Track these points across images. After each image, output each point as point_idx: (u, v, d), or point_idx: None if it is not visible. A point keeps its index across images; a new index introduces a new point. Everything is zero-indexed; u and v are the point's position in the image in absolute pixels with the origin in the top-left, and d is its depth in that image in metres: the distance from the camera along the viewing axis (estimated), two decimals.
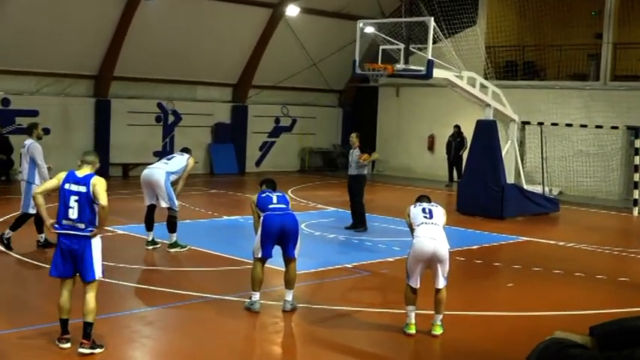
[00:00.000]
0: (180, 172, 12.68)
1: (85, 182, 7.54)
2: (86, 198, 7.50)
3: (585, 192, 22.67)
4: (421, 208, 8.68)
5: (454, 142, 24.58)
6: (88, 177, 7.59)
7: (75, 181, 7.57)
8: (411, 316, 8.42)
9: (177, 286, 10.28)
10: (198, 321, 8.78)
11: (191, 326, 8.63)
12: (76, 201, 7.49)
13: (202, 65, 24.86)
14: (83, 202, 7.49)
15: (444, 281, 8.38)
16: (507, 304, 10.27)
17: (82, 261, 7.45)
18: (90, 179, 7.56)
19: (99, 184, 7.56)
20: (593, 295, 10.87)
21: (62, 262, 7.51)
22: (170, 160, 12.92)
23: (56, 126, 22.25)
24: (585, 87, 23.28)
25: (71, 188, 7.54)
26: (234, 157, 26.43)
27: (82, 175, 7.62)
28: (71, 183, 7.56)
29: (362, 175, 15.16)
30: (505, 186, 17.89)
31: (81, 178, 7.58)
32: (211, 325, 8.63)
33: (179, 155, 13.10)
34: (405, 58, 16.63)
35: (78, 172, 7.67)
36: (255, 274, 9.05)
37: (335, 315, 9.31)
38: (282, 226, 8.98)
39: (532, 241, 15.19)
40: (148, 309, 9.30)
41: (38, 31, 20.86)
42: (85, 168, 7.72)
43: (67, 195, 7.53)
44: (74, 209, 7.48)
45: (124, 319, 8.69)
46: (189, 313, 9.09)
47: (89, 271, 7.46)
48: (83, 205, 7.48)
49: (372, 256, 12.89)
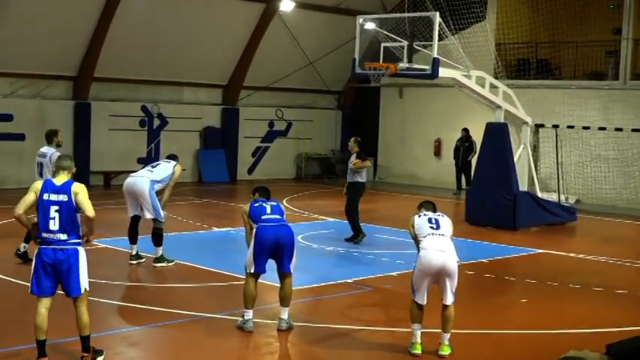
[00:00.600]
0: (166, 181, 12.70)
1: (66, 190, 7.55)
2: (68, 207, 7.51)
3: (604, 200, 22.71)
4: (427, 218, 8.69)
5: (462, 147, 24.63)
6: (68, 184, 7.60)
7: (54, 190, 7.57)
8: (417, 335, 8.44)
9: (164, 303, 10.28)
10: (187, 341, 8.78)
11: (179, 347, 8.63)
12: (57, 211, 7.49)
13: (190, 65, 24.89)
14: (65, 212, 7.50)
15: (452, 297, 8.40)
16: (520, 322, 10.29)
17: (68, 274, 7.48)
18: (70, 187, 7.58)
19: (81, 192, 7.57)
20: (612, 311, 10.90)
21: (44, 278, 7.49)
22: (155, 167, 12.92)
23: (32, 131, 22.22)
24: (603, 86, 23.34)
25: (50, 198, 7.52)
26: (224, 164, 26.45)
27: (61, 182, 7.62)
28: (50, 192, 7.55)
29: (358, 183, 15.24)
30: (517, 194, 17.92)
31: (60, 187, 7.58)
32: (201, 346, 8.64)
33: (165, 162, 13.10)
34: (408, 57, 16.68)
35: (55, 180, 7.67)
36: (248, 291, 9.06)
37: (334, 334, 9.32)
38: (276, 238, 9.00)
39: (547, 253, 15.22)
40: (132, 329, 9.30)
41: (12, 29, 20.88)
42: (61, 175, 7.70)
43: (47, 205, 7.51)
44: (55, 220, 7.48)
45: (106, 339, 8.68)
46: (177, 333, 9.09)
47: (75, 285, 7.50)
48: (65, 215, 7.50)
49: (374, 270, 12.90)
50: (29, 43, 21.35)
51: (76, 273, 7.51)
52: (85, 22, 21.97)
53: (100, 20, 22.04)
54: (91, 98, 23.35)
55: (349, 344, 8.96)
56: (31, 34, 21.26)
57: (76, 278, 7.51)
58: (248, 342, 8.88)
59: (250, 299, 9.05)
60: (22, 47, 21.30)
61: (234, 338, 8.92)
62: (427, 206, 8.98)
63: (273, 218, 9.12)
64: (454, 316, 8.44)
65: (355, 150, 15.30)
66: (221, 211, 19.79)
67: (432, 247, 8.34)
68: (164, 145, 24.44)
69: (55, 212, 7.49)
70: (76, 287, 7.52)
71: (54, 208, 7.50)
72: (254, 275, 9.09)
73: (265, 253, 9.01)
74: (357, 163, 15.11)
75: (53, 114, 22.71)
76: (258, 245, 8.98)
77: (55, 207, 7.51)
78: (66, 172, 7.73)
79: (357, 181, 15.25)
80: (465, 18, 21.26)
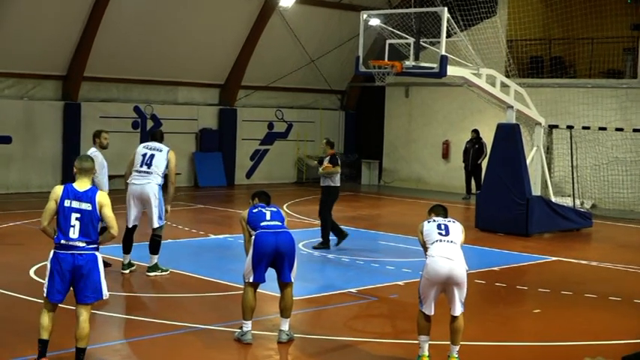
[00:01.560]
0: (164, 173, 12.46)
1: (90, 199, 7.63)
2: (90, 217, 7.59)
3: (621, 205, 22.73)
4: (436, 224, 8.68)
5: (472, 149, 24.66)
6: (92, 192, 7.68)
7: (76, 197, 7.62)
8: (424, 347, 8.45)
9: (159, 314, 10.31)
10: (183, 354, 8.81)
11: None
12: (78, 219, 7.56)
13: (185, 63, 24.95)
14: (86, 221, 7.58)
15: (461, 307, 8.41)
16: (533, 333, 10.31)
17: (85, 280, 7.58)
18: (95, 196, 7.65)
19: (107, 205, 7.68)
20: (630, 321, 10.91)
21: (59, 283, 7.59)
22: (151, 164, 12.46)
23: (18, 133, 22.32)
24: (621, 85, 23.37)
25: (72, 205, 7.58)
26: (221, 168, 26.49)
27: (83, 189, 7.68)
28: (72, 199, 7.60)
29: (331, 187, 15.31)
30: (530, 199, 17.94)
31: (83, 194, 7.64)
32: (197, 359, 8.66)
33: (157, 152, 12.56)
34: (415, 54, 16.72)
35: (77, 186, 7.70)
36: (247, 301, 9.08)
37: (337, 346, 9.35)
38: (276, 245, 9.02)
39: (561, 261, 15.24)
40: (124, 341, 9.33)
41: None
42: (83, 179, 7.74)
43: (68, 213, 7.57)
44: (75, 228, 7.56)
45: (97, 352, 8.71)
46: (172, 346, 9.11)
47: (92, 291, 7.63)
48: (86, 224, 7.59)
49: (380, 279, 12.92)
50: (15, 41, 21.39)
51: (96, 278, 7.62)
52: (75, 19, 22.01)
53: (90, 16, 22.08)
54: (81, 99, 23.40)
55: (353, 357, 8.99)
56: (18, 32, 21.30)
57: (94, 284, 7.62)
58: (246, 355, 8.90)
59: (249, 310, 9.07)
60: (7, 45, 21.34)
61: (232, 351, 8.94)
62: (437, 211, 8.95)
63: (273, 225, 9.14)
64: (463, 327, 8.45)
65: (329, 152, 15.37)
66: (218, 217, 19.81)
67: (439, 254, 8.35)
68: None
69: (75, 220, 7.56)
70: (93, 293, 7.64)
71: (75, 216, 7.56)
72: (253, 285, 9.11)
73: (265, 261, 9.03)
74: (327, 168, 15.17)
75: (41, 115, 22.78)
76: (257, 253, 9.00)
77: (76, 214, 7.57)
78: (88, 176, 7.76)
79: (330, 186, 15.32)
80: (474, 13, 21.29)
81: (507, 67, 21.05)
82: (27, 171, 22.45)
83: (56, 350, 8.12)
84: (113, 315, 10.37)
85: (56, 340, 8.01)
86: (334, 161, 15.22)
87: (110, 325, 9.97)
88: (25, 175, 22.41)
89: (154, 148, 12.62)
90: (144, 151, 12.60)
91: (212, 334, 9.50)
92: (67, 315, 9.01)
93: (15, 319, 9.80)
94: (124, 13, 22.53)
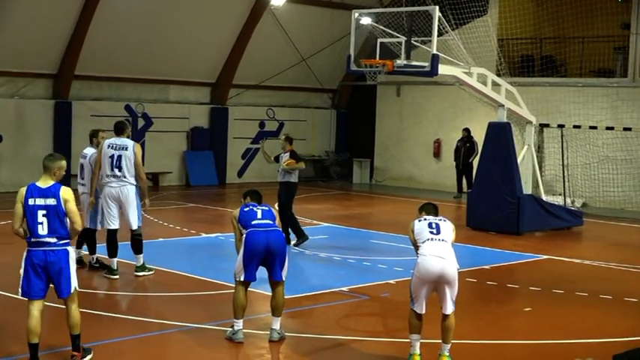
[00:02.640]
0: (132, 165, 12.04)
1: (54, 194, 7.74)
2: (55, 211, 7.71)
3: (613, 203, 22.78)
4: (427, 223, 8.68)
5: (463, 148, 24.68)
6: (55, 187, 7.78)
7: (40, 193, 7.74)
8: (416, 346, 8.45)
9: (148, 313, 10.29)
10: (173, 354, 8.79)
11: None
12: (45, 215, 7.69)
13: (176, 62, 24.90)
14: (52, 216, 7.70)
15: (452, 306, 8.41)
16: (525, 332, 10.32)
17: (59, 275, 7.77)
18: (59, 191, 7.76)
19: (71, 199, 7.79)
20: (621, 320, 10.93)
21: (35, 280, 7.73)
22: (121, 164, 12.05)
23: (9, 133, 22.25)
24: (612, 84, 23.42)
25: (37, 202, 7.71)
26: (213, 167, 26.46)
27: (46, 185, 7.79)
28: (35, 197, 7.72)
29: (291, 183, 15.36)
30: (521, 197, 17.97)
31: (46, 190, 7.76)
32: (187, 358, 8.64)
33: (123, 151, 12.04)
34: (406, 53, 16.71)
35: (40, 183, 7.80)
36: (238, 300, 9.07)
37: (329, 345, 9.33)
38: (267, 244, 9.00)
39: (552, 259, 15.26)
40: (112, 341, 9.28)
41: None
42: (46, 176, 7.84)
43: (34, 210, 7.70)
44: (43, 225, 7.70)
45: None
46: (162, 345, 9.09)
47: (66, 285, 7.82)
48: (53, 219, 7.71)
49: (371, 277, 12.92)
50: (6, 40, 21.31)
51: (67, 274, 7.80)
52: (66, 17, 21.93)
53: (82, 15, 22.01)
54: (72, 97, 23.34)
55: (345, 356, 8.98)
56: (8, 30, 21.23)
57: (67, 279, 7.80)
58: (238, 354, 8.89)
59: (240, 309, 9.06)
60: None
61: (224, 350, 8.93)
62: (428, 209, 8.95)
63: (264, 223, 9.13)
64: (455, 325, 8.45)
65: (288, 148, 15.38)
66: (209, 216, 19.79)
67: (430, 253, 8.35)
68: (149, 147, 24.37)
69: (42, 217, 7.69)
70: (67, 288, 7.82)
71: (41, 213, 7.69)
72: (244, 283, 9.09)
73: (256, 259, 9.01)
74: (291, 163, 15.17)
75: (32, 114, 22.71)
76: (248, 251, 8.99)
77: (42, 211, 7.70)
78: (52, 173, 7.85)
79: (289, 182, 15.32)
80: (465, 12, 21.33)
81: (498, 65, 21.08)
82: (18, 170, 22.36)
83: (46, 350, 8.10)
84: (100, 313, 10.33)
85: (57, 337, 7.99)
86: (296, 157, 15.26)
87: (97, 325, 9.91)
88: (16, 174, 22.29)
89: (119, 147, 12.14)
90: (110, 152, 12.13)
91: (203, 332, 9.48)
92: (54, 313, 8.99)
93: (4, 318, 9.76)
94: (115, 11, 22.47)
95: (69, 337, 8.00)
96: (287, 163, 15.22)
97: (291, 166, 15.19)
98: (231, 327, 9.17)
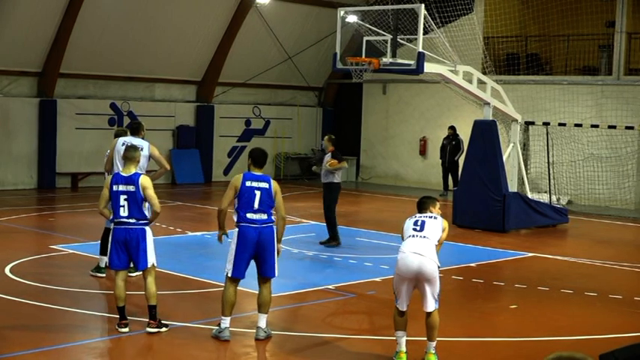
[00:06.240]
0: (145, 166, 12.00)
1: (134, 182, 9.10)
2: (134, 197, 9.08)
3: (597, 201, 22.88)
4: (414, 220, 8.67)
5: (449, 146, 24.73)
6: (136, 176, 9.15)
7: (123, 181, 9.15)
8: (402, 343, 8.46)
9: (135, 312, 10.25)
10: (159, 352, 8.78)
11: (150, 358, 8.60)
12: (126, 200, 9.07)
13: (162, 60, 24.86)
14: (132, 201, 9.08)
15: (434, 304, 8.39)
16: (510, 329, 10.36)
17: (137, 250, 9.12)
18: (138, 179, 9.12)
19: (149, 187, 9.13)
20: (606, 317, 10.99)
21: (118, 254, 9.15)
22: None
23: None
24: (596, 82, 23.52)
25: (119, 189, 9.12)
26: (199, 165, 26.44)
27: (128, 174, 9.20)
28: (120, 184, 9.14)
29: (334, 184, 15.31)
30: (507, 195, 18.02)
31: (128, 178, 9.16)
32: (174, 356, 8.64)
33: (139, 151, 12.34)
34: (392, 51, 16.74)
35: (124, 172, 9.25)
36: (227, 296, 9.05)
37: (315, 343, 9.34)
38: (258, 240, 8.99)
39: (538, 256, 15.31)
40: (100, 339, 9.28)
41: None
42: (129, 166, 9.24)
43: (117, 195, 9.12)
44: (125, 207, 9.09)
45: (72, 350, 8.67)
46: (148, 343, 9.08)
47: (144, 260, 9.14)
48: (132, 203, 9.08)
49: (358, 275, 12.94)
50: None
51: (144, 249, 9.14)
52: (50, 15, 21.85)
53: (66, 12, 21.94)
54: (57, 95, 23.25)
55: (331, 354, 8.98)
56: None
57: (144, 254, 9.14)
58: (225, 352, 8.88)
59: (229, 305, 9.04)
60: None
61: (210, 347, 8.92)
62: (420, 207, 8.95)
63: (258, 219, 9.05)
64: (439, 323, 8.44)
65: (330, 149, 15.36)
66: (196, 214, 19.76)
67: (409, 250, 8.35)
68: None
69: (124, 201, 9.08)
70: (144, 262, 9.16)
71: (123, 197, 9.10)
72: (234, 280, 9.09)
73: (247, 255, 8.99)
74: (334, 164, 15.16)
75: (16, 112, 22.62)
76: (238, 246, 8.99)
77: (123, 196, 9.10)
78: (134, 163, 9.26)
79: (332, 182, 15.32)
80: (451, 10, 21.36)
81: (484, 63, 21.13)
82: (2, 168, 22.29)
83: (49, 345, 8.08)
84: (89, 312, 10.31)
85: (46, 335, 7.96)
86: (338, 157, 15.26)
87: (85, 323, 9.90)
88: (0, 172, 22.25)
89: (131, 142, 12.09)
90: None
91: (190, 331, 9.48)
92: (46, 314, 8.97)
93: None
94: (100, 9, 22.41)
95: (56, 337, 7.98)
96: (330, 163, 15.18)
97: (333, 167, 15.16)
98: (217, 325, 9.16)
